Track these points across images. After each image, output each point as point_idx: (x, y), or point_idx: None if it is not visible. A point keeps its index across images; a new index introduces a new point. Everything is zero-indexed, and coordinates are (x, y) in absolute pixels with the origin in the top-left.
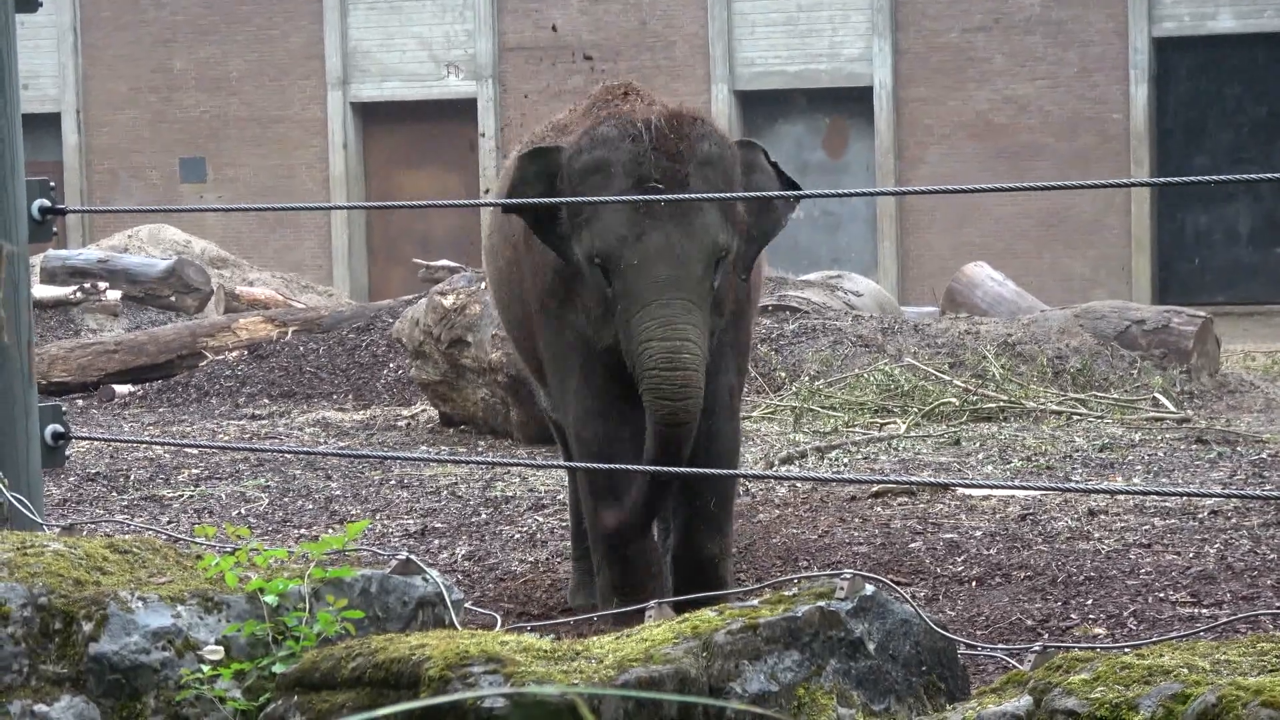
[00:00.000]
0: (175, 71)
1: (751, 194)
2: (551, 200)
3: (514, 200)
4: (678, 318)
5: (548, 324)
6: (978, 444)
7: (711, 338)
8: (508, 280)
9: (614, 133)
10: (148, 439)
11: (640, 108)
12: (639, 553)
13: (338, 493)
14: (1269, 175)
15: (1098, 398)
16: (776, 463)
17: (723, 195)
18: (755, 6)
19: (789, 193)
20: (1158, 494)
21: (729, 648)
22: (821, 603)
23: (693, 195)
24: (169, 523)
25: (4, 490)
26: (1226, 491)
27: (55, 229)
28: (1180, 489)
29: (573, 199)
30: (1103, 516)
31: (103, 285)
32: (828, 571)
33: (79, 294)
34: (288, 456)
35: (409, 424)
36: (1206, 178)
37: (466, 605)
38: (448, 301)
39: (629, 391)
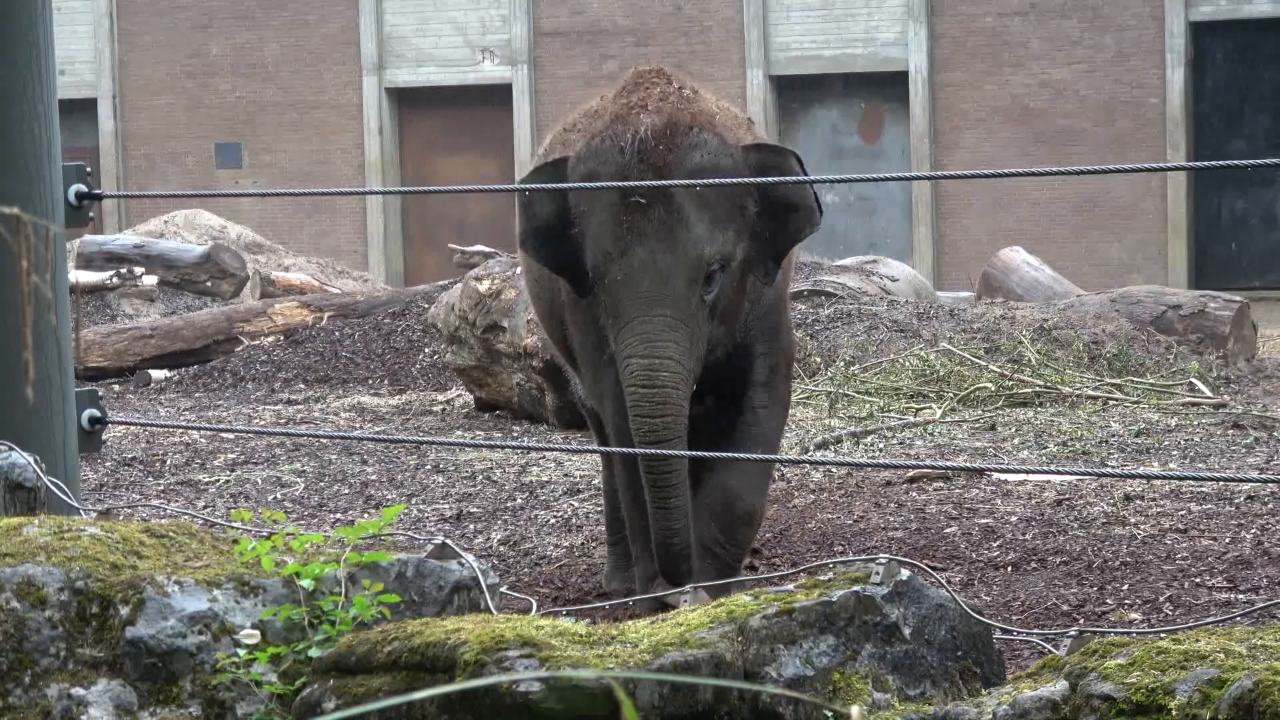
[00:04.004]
0: (211, 57)
1: (771, 180)
2: (589, 185)
3: (549, 185)
4: (659, 335)
5: (579, 318)
6: (1013, 429)
7: (717, 347)
8: (537, 273)
9: (606, 145)
10: (184, 424)
11: (644, 116)
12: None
13: (373, 477)
14: None
15: (1134, 383)
16: (811, 448)
17: (765, 181)
18: None
19: (832, 177)
20: (1194, 479)
21: (764, 632)
22: (857, 587)
23: (730, 181)
24: (205, 507)
25: (41, 475)
26: (1263, 476)
27: (92, 214)
28: (1216, 474)
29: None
30: (1139, 502)
31: (139, 270)
32: (863, 556)
33: (115, 279)
34: (323, 441)
35: (444, 409)
36: (1243, 162)
37: (502, 590)
38: (483, 287)
39: None
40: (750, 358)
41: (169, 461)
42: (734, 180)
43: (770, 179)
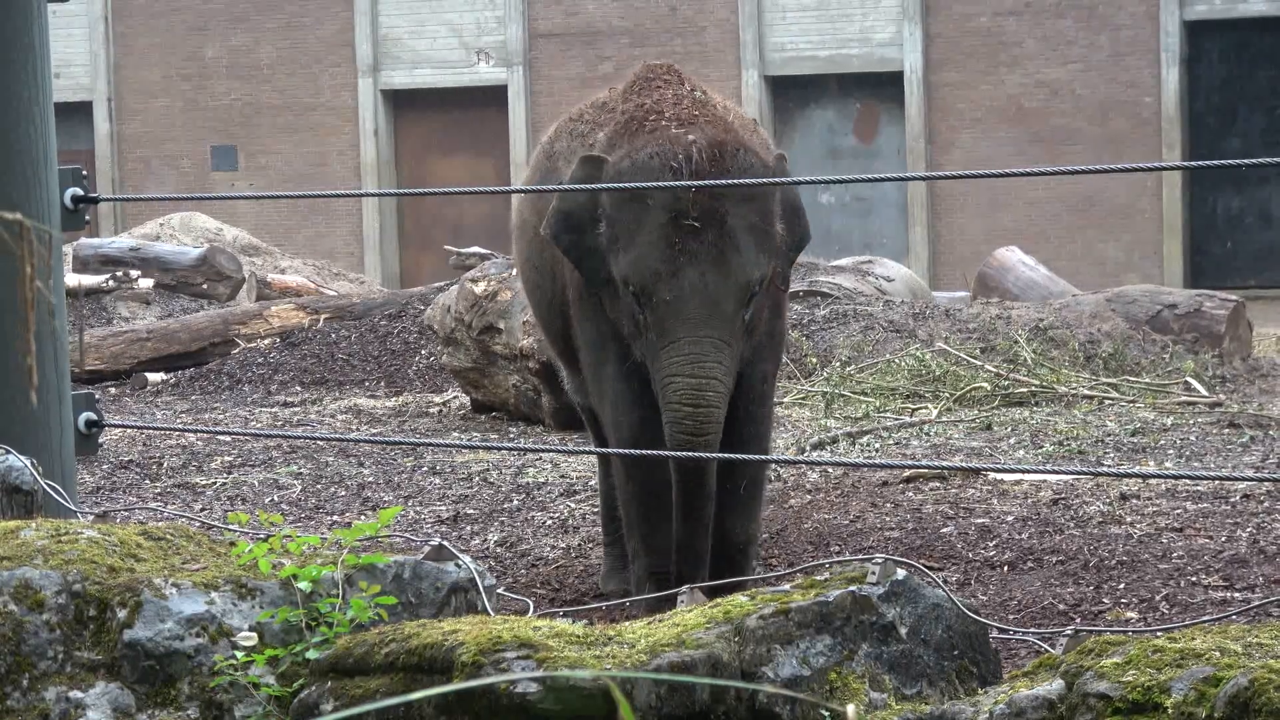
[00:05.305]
0: (207, 59)
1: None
2: (576, 187)
3: (543, 187)
4: (706, 356)
5: (584, 312)
6: (1009, 429)
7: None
8: (539, 262)
9: (655, 162)
10: (180, 426)
11: (678, 132)
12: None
13: (370, 479)
14: None
15: (1130, 382)
16: (808, 448)
17: (762, 184)
18: None
19: (827, 177)
20: (1190, 478)
21: (761, 632)
22: (853, 587)
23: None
24: (202, 510)
25: (38, 478)
26: (1259, 475)
27: (88, 217)
28: (1212, 473)
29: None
30: (1135, 501)
31: (135, 273)
32: (859, 556)
33: (111, 282)
34: (320, 444)
35: (441, 411)
36: (1239, 161)
37: (499, 591)
38: (479, 288)
39: None
40: (750, 364)
41: (166, 464)
42: (731, 182)
43: (776, 181)
